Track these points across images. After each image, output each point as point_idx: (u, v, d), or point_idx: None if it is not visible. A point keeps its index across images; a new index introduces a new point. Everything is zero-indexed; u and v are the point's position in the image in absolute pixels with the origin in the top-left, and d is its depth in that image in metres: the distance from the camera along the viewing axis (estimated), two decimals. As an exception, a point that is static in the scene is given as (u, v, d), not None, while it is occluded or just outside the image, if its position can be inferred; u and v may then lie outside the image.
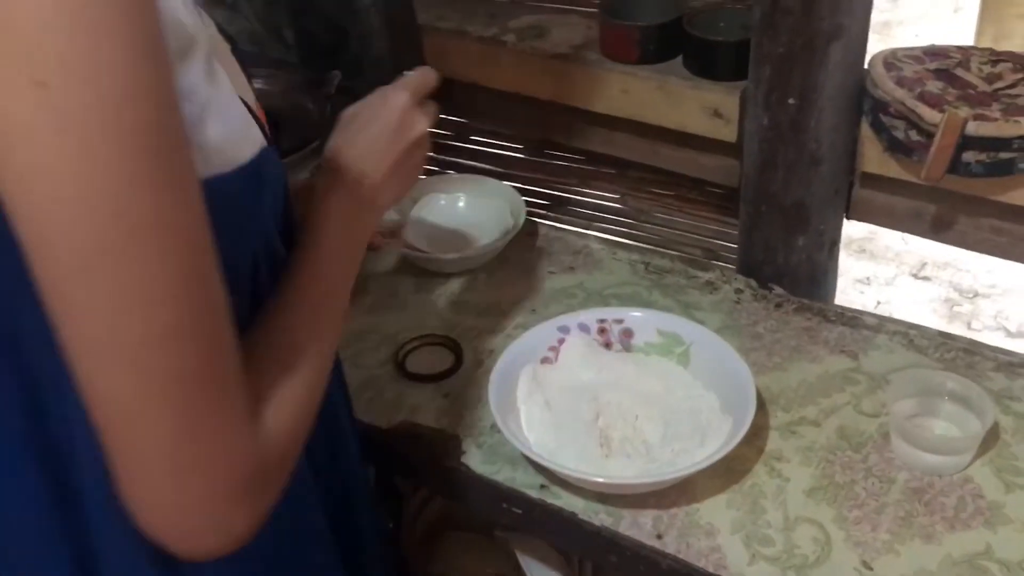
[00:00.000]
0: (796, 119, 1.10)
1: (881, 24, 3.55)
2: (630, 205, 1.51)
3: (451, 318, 1.22)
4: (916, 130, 1.06)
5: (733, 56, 1.17)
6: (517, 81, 1.34)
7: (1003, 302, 2.42)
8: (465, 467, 1.02)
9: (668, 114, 1.23)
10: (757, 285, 1.23)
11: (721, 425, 0.98)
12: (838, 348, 1.13)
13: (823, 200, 1.16)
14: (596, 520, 0.96)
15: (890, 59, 1.12)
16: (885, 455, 1.00)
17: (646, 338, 1.09)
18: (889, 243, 2.48)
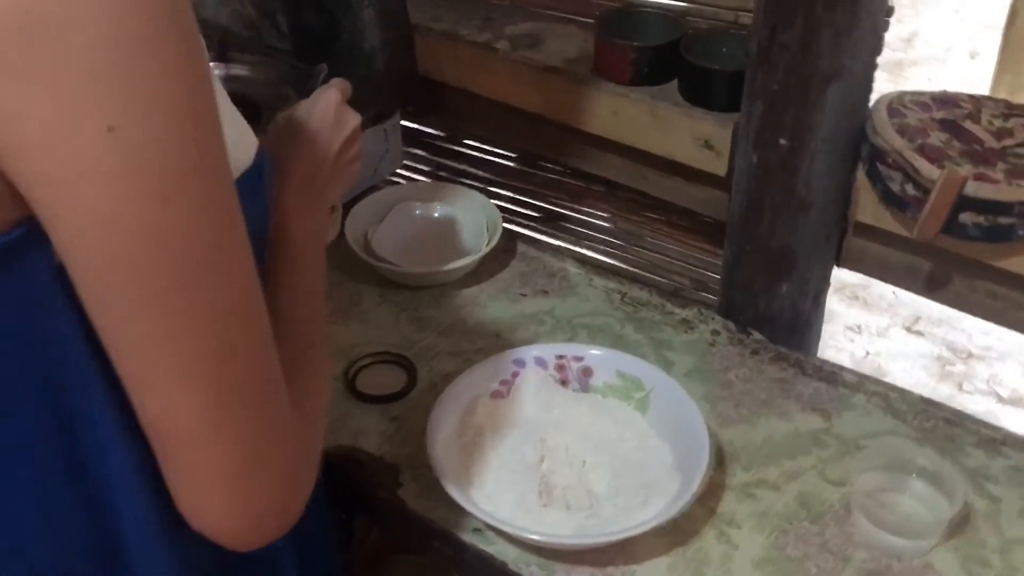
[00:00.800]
0: (787, 160, 1.03)
1: (893, 64, 3.42)
2: (620, 227, 1.45)
3: (412, 335, 1.16)
4: (913, 184, 0.99)
5: (728, 86, 1.10)
6: (506, 91, 1.28)
7: (998, 366, 2.34)
8: (400, 500, 0.97)
9: (657, 141, 1.17)
10: (735, 328, 1.16)
11: (669, 483, 0.92)
12: (811, 405, 1.07)
13: (811, 247, 1.09)
14: (526, 572, 0.90)
15: (895, 104, 1.05)
16: (844, 529, 0.93)
17: (605, 379, 1.03)
18: (884, 292, 2.39)
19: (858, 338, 2.30)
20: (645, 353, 1.13)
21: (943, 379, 2.24)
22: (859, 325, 2.33)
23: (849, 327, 2.33)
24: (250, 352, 0.56)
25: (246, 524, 0.59)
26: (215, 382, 0.54)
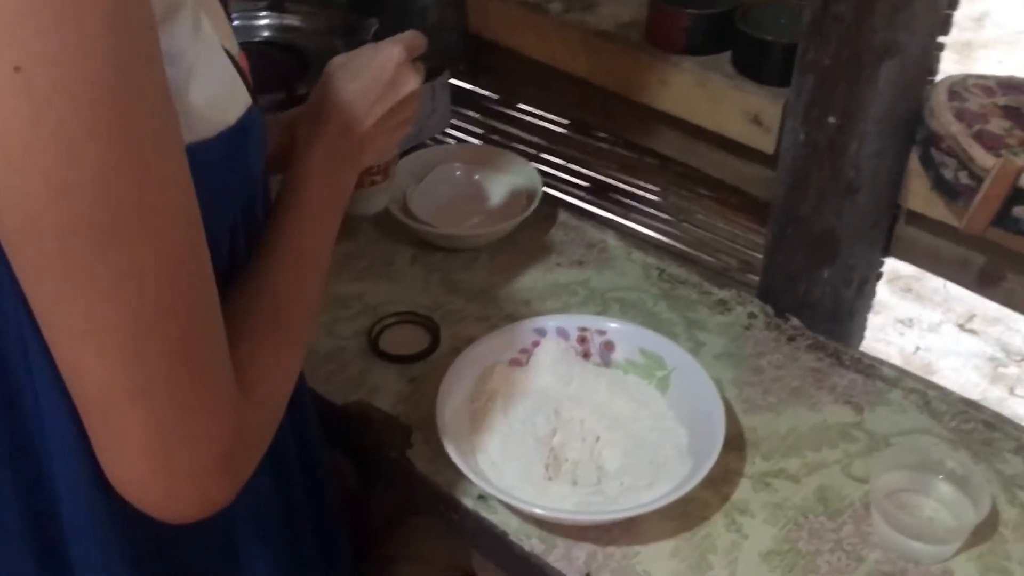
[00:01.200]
0: (835, 140, 0.98)
1: (962, 44, 3.22)
2: (670, 202, 1.41)
3: (440, 297, 1.15)
4: (967, 172, 0.93)
5: (781, 59, 1.05)
6: (555, 54, 1.24)
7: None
8: (408, 462, 0.96)
9: (706, 113, 1.13)
10: (773, 313, 1.12)
11: (679, 467, 0.89)
12: (844, 398, 1.02)
13: (856, 232, 1.04)
14: (527, 544, 0.89)
15: (957, 87, 0.99)
16: (862, 528, 0.89)
17: (627, 355, 1.00)
18: (937, 285, 2.27)
19: (908, 332, 2.20)
20: (677, 332, 1.09)
21: (995, 381, 2.13)
22: (910, 319, 2.22)
23: (900, 320, 2.23)
24: (177, 322, 0.53)
25: (164, 499, 0.56)
26: (131, 349, 0.51)
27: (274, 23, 1.38)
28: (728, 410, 0.99)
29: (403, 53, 0.83)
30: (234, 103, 0.61)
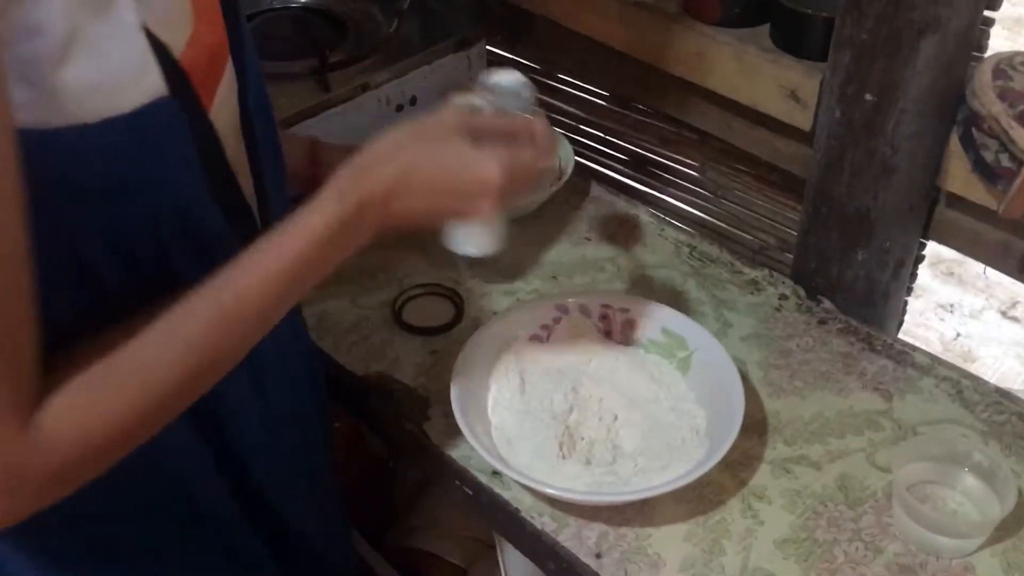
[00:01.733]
0: (871, 118, 0.95)
1: (1013, 20, 3.06)
2: (709, 177, 1.38)
3: (467, 269, 1.14)
4: (1008, 155, 0.90)
5: (821, 33, 1.01)
6: (592, 25, 1.22)
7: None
8: (424, 434, 0.96)
9: (742, 87, 1.10)
10: (805, 295, 1.10)
11: (695, 449, 0.88)
12: (873, 384, 1.00)
13: (892, 214, 1.01)
14: (538, 522, 0.88)
15: (1003, 64, 0.95)
16: (883, 519, 0.87)
17: (649, 335, 0.98)
18: (980, 271, 2.19)
19: (949, 318, 2.13)
20: (705, 312, 1.07)
21: (1036, 371, 2.08)
22: (951, 304, 2.15)
23: (941, 305, 2.16)
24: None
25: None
26: None
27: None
28: (752, 393, 0.97)
29: (457, 118, 0.71)
30: (134, 90, 0.56)
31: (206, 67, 0.63)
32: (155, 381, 0.59)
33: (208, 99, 0.64)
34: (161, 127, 0.58)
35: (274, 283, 0.63)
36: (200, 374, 0.62)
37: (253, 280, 0.63)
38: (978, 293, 2.20)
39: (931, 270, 2.24)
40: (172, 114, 0.59)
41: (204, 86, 0.63)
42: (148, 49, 0.57)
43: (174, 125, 0.60)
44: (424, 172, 0.69)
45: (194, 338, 0.60)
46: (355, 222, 0.66)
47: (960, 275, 2.23)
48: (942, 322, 2.14)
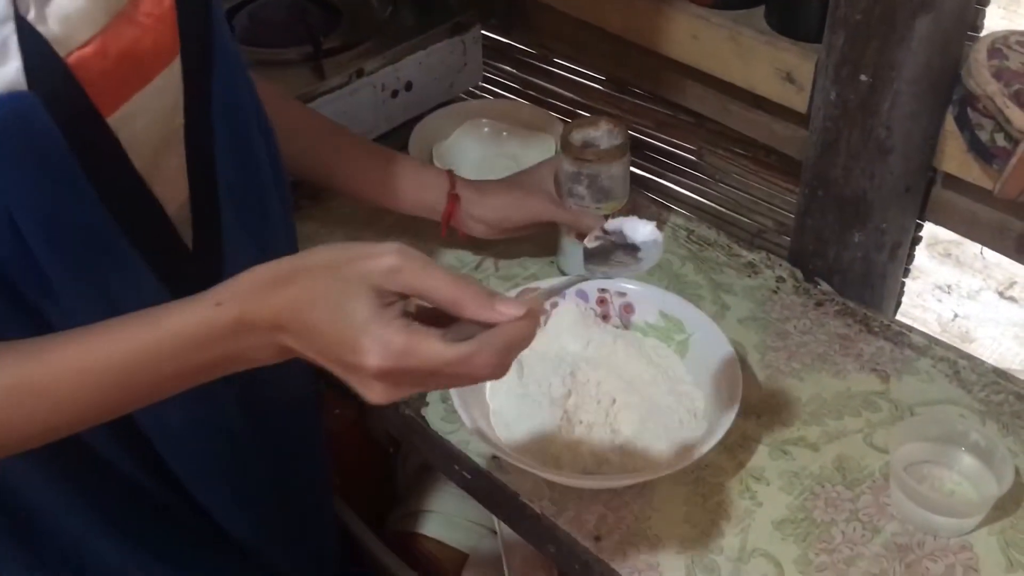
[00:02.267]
0: (867, 99, 0.95)
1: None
2: (706, 161, 1.38)
3: (465, 256, 1.14)
4: (1003, 134, 0.90)
5: (817, 14, 1.01)
6: (587, 8, 1.21)
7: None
8: (423, 420, 0.96)
9: (737, 70, 1.10)
10: (802, 277, 1.10)
11: (693, 432, 0.88)
12: (870, 365, 1.00)
13: (889, 195, 1.01)
14: (537, 506, 0.88)
15: (998, 43, 0.95)
16: (880, 499, 0.88)
17: (647, 318, 0.99)
18: (977, 251, 2.20)
19: (947, 299, 2.13)
20: (702, 295, 1.08)
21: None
22: (949, 285, 2.15)
23: (938, 286, 2.16)
24: None
25: None
26: None
27: (305, -23, 1.37)
28: (749, 375, 0.98)
29: (388, 269, 0.59)
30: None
31: (112, 69, 0.60)
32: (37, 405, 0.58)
33: (108, 103, 0.61)
34: (12, 120, 0.56)
35: (118, 358, 0.59)
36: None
37: (99, 349, 0.59)
38: (975, 274, 2.20)
39: (928, 251, 2.25)
40: (28, 107, 0.56)
41: (103, 88, 0.60)
42: (12, 39, 0.55)
43: (31, 119, 0.57)
44: (309, 318, 0.58)
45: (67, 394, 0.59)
46: (230, 336, 0.59)
47: (957, 256, 2.24)
48: (939, 303, 2.14)
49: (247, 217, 0.76)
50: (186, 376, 0.61)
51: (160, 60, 0.65)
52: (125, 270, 0.65)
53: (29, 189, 0.58)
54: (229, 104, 0.72)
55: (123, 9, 0.61)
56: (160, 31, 0.64)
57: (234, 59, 0.72)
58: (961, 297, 2.16)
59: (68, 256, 0.62)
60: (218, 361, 0.60)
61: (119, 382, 0.59)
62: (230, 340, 0.59)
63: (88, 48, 0.58)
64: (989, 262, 2.24)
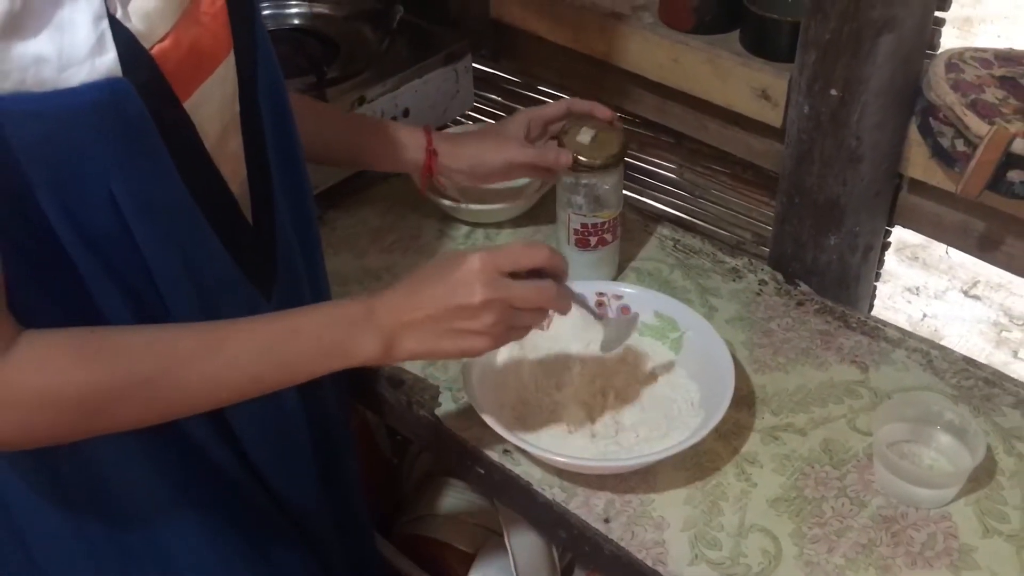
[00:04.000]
0: (837, 111, 1.03)
1: (962, 20, 3.26)
2: (686, 178, 1.46)
3: (466, 268, 1.21)
4: (963, 140, 0.98)
5: (788, 36, 1.10)
6: (573, 37, 1.30)
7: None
8: (436, 419, 1.02)
9: (716, 89, 1.18)
10: (783, 280, 1.18)
11: (691, 419, 0.95)
12: (850, 358, 1.07)
13: (860, 201, 1.09)
14: (549, 494, 0.95)
15: (955, 59, 1.04)
16: (865, 477, 0.95)
17: (643, 318, 1.05)
18: (942, 253, 2.33)
19: (916, 300, 2.25)
20: (691, 299, 1.15)
21: (999, 345, 2.18)
22: (917, 287, 2.28)
23: (908, 288, 2.28)
24: None
25: None
26: None
27: (303, 11, 1.45)
28: (739, 370, 1.05)
29: (482, 265, 0.78)
30: (86, 68, 0.61)
31: (185, 60, 0.67)
32: (125, 375, 0.67)
33: (184, 91, 0.68)
34: (109, 103, 0.62)
35: (262, 340, 0.72)
36: (164, 396, 0.70)
37: (244, 333, 0.72)
38: (941, 275, 2.33)
39: (897, 255, 2.37)
40: (123, 93, 0.63)
41: (178, 77, 0.67)
42: (108, 33, 0.61)
43: (126, 103, 0.63)
44: (422, 287, 0.79)
45: (171, 364, 0.69)
46: (358, 321, 0.76)
47: (924, 259, 2.36)
48: (909, 304, 2.26)
49: (290, 193, 0.83)
50: (309, 361, 0.75)
51: (219, 53, 0.72)
52: (203, 244, 0.73)
53: (125, 167, 0.65)
54: (272, 92, 0.80)
55: (188, 8, 0.68)
56: (216, 28, 0.71)
57: (271, 52, 0.80)
58: (929, 297, 2.27)
59: (159, 230, 0.68)
60: (338, 343, 0.75)
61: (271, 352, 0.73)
62: (355, 326, 0.75)
63: (166, 42, 0.66)
64: (954, 263, 2.36)
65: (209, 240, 0.73)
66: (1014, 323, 2.20)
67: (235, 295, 0.78)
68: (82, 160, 0.63)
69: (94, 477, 0.77)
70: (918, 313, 2.26)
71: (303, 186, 0.90)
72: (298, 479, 0.92)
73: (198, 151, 0.72)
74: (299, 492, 0.92)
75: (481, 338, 0.79)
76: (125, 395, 0.67)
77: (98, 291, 0.68)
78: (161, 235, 0.69)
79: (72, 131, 0.62)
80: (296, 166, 0.89)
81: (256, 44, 0.78)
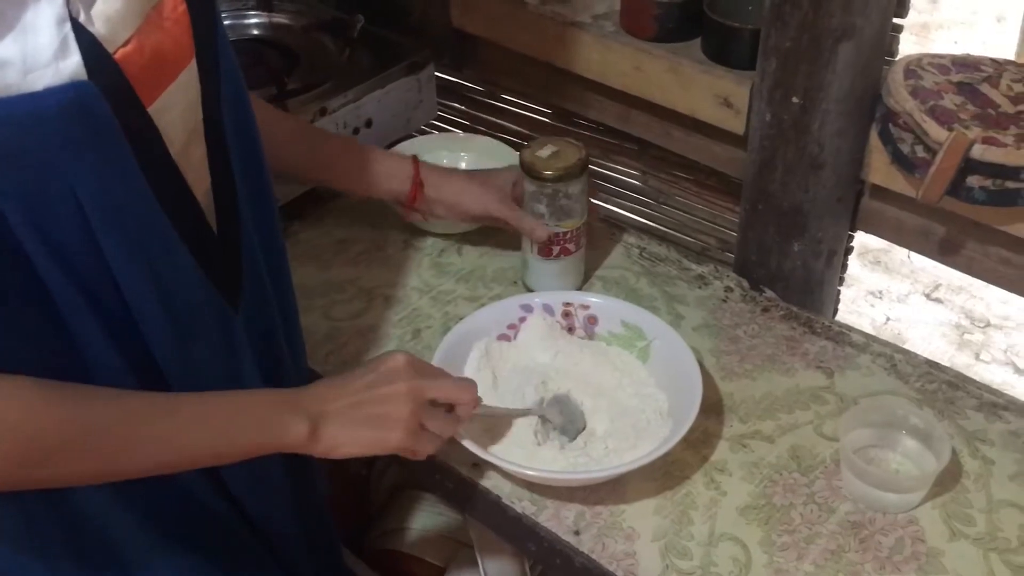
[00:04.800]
0: (799, 119, 1.04)
1: (919, 26, 3.34)
2: (650, 185, 1.47)
3: (431, 279, 1.20)
4: (923, 146, 0.99)
5: (749, 44, 1.11)
6: (534, 45, 1.30)
7: (1016, 336, 2.31)
8: (404, 434, 1.01)
9: (679, 97, 1.18)
10: (748, 286, 1.18)
11: (660, 429, 0.95)
12: (815, 363, 1.08)
13: (823, 207, 1.10)
14: (518, 507, 0.94)
15: (913, 66, 1.05)
16: (833, 483, 0.95)
17: (610, 328, 1.06)
18: (904, 258, 2.38)
19: (879, 303, 2.29)
20: (657, 307, 1.15)
21: (961, 347, 2.23)
22: (880, 291, 2.32)
23: (871, 292, 2.32)
24: None
25: None
26: None
27: (263, 21, 1.43)
28: (706, 377, 1.05)
29: (406, 361, 0.84)
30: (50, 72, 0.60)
31: (148, 65, 0.66)
32: (77, 424, 0.68)
33: (148, 96, 0.67)
34: (75, 107, 0.61)
35: None
36: (109, 451, 0.70)
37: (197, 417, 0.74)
38: (903, 279, 2.36)
39: (860, 260, 2.41)
40: (88, 96, 0.62)
41: (142, 82, 0.66)
42: (71, 37, 0.60)
43: (91, 107, 0.62)
44: (348, 379, 0.83)
45: (122, 418, 0.70)
46: (278, 407, 0.79)
47: (886, 263, 2.40)
48: (872, 308, 2.29)
49: (254, 203, 0.83)
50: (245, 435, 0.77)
51: (182, 59, 0.71)
52: (170, 253, 0.71)
53: (90, 173, 0.63)
54: (234, 99, 0.79)
55: (149, 13, 0.67)
56: (178, 33, 0.70)
57: (232, 59, 0.79)
58: (892, 301, 2.31)
59: (124, 239, 0.67)
60: (270, 423, 0.77)
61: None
62: (285, 406, 0.79)
63: (129, 46, 0.64)
64: (916, 267, 2.40)
65: (176, 249, 0.72)
66: (975, 325, 2.24)
67: (203, 305, 0.77)
68: (48, 166, 0.62)
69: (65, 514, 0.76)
70: (881, 317, 2.29)
71: (267, 196, 0.89)
72: (270, 497, 0.91)
73: (164, 158, 0.70)
74: (271, 510, 0.91)
75: (397, 429, 0.82)
76: (72, 445, 0.67)
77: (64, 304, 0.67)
78: (128, 243, 0.67)
79: (37, 136, 0.60)
80: (260, 176, 0.88)
81: (218, 51, 0.77)
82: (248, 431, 0.76)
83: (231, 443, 0.76)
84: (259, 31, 1.43)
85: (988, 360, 2.19)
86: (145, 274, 0.69)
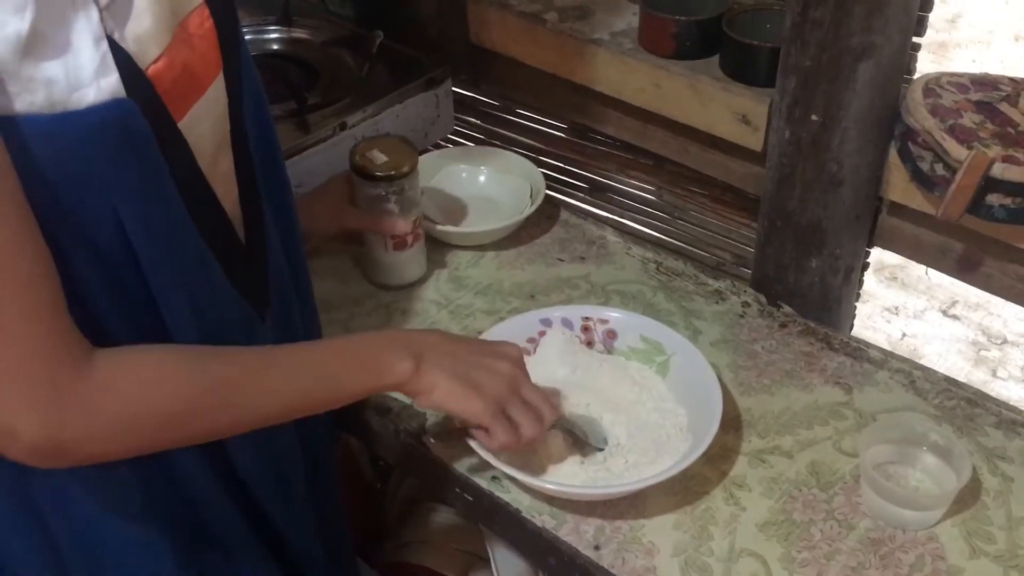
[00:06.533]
0: (818, 136, 1.04)
1: (937, 45, 3.35)
2: (665, 200, 1.47)
3: (450, 292, 1.21)
4: (942, 164, 1.00)
5: (767, 62, 1.11)
6: (553, 62, 1.30)
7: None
8: (424, 447, 1.02)
9: (697, 114, 1.19)
10: (766, 301, 1.18)
11: (680, 444, 0.95)
12: (834, 379, 1.08)
13: (841, 224, 1.10)
14: (538, 520, 0.95)
15: (932, 84, 1.05)
16: (852, 499, 0.96)
17: (629, 342, 1.06)
18: (921, 274, 2.38)
19: (895, 319, 2.29)
20: (675, 321, 1.15)
21: (978, 364, 2.22)
22: (896, 307, 2.32)
23: (887, 308, 2.32)
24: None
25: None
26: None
27: (283, 37, 1.45)
28: (725, 392, 1.05)
29: (520, 355, 0.92)
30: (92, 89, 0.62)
31: (178, 81, 0.68)
32: (203, 387, 0.70)
33: (178, 111, 0.69)
34: (116, 123, 0.63)
35: None
36: (239, 403, 0.73)
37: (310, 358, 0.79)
38: (920, 295, 2.36)
39: (876, 276, 2.41)
40: (129, 113, 0.64)
41: (173, 98, 0.68)
42: (109, 55, 0.62)
43: (131, 123, 0.64)
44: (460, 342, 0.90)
45: (239, 373, 0.73)
46: (385, 343, 0.84)
47: (903, 279, 2.40)
48: (888, 324, 2.29)
49: (277, 215, 0.84)
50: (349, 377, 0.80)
51: (209, 73, 0.72)
52: (202, 265, 0.73)
53: (131, 189, 0.65)
54: (256, 113, 0.80)
55: (177, 30, 0.68)
56: (205, 48, 0.72)
57: (255, 74, 0.81)
58: (908, 317, 2.31)
59: (162, 251, 0.69)
60: (374, 361, 0.81)
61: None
62: (393, 343, 0.84)
63: (160, 63, 0.66)
64: (933, 283, 2.40)
65: (207, 261, 0.74)
66: (992, 342, 2.24)
67: (233, 315, 0.78)
68: (91, 183, 0.63)
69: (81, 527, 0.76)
70: (897, 333, 2.29)
71: (290, 208, 0.90)
72: (291, 508, 0.92)
73: (194, 172, 0.72)
74: (292, 523, 0.91)
75: (485, 400, 0.85)
76: (202, 407, 0.71)
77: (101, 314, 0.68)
78: (163, 257, 0.69)
79: (82, 154, 0.62)
80: (283, 189, 0.89)
81: (241, 65, 0.78)
82: (352, 371, 0.80)
83: (337, 387, 0.80)
84: (279, 46, 1.44)
85: (1005, 377, 2.19)
86: (179, 287, 0.70)
